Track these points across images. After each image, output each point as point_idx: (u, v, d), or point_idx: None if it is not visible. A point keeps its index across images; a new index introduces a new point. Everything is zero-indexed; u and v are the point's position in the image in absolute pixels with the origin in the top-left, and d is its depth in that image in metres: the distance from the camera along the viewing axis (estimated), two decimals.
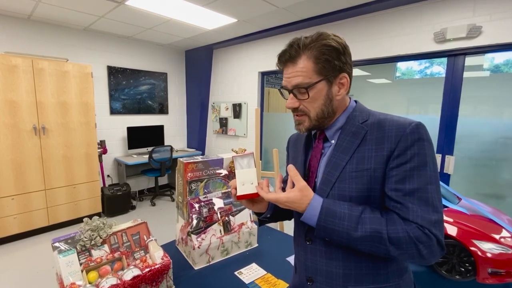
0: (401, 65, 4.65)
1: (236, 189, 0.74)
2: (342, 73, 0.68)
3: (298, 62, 0.67)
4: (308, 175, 0.76)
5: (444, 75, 2.35)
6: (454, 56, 2.24)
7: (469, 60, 2.22)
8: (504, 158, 2.23)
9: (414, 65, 4.49)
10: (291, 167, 0.67)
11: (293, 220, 0.84)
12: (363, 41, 2.68)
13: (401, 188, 0.61)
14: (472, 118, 2.48)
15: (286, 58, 0.68)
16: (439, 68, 4.13)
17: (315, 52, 0.65)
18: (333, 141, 0.72)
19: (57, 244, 1.00)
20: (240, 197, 0.73)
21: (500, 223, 1.86)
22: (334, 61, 0.66)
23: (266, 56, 3.61)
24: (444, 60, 2.34)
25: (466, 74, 2.23)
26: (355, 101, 0.75)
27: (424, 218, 0.58)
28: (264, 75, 3.83)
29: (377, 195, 0.65)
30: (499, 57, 3.03)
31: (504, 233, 1.78)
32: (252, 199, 0.77)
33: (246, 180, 0.74)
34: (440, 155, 2.33)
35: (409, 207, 0.60)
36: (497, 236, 1.76)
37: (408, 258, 0.60)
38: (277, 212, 0.82)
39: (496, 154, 2.25)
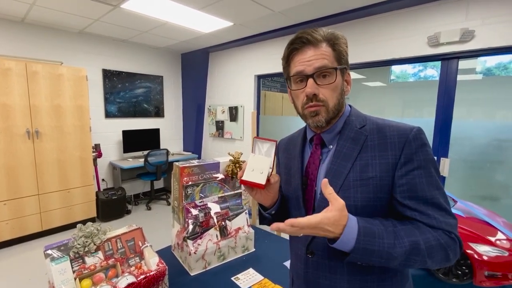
0: (396, 68, 4.70)
1: (243, 172, 0.68)
2: (348, 70, 0.68)
3: (321, 45, 0.64)
4: (306, 183, 0.71)
5: (437, 78, 2.37)
6: (448, 60, 2.27)
7: (462, 64, 2.25)
8: (498, 160, 2.25)
9: (408, 68, 4.55)
10: (325, 182, 0.56)
11: None
12: (358, 44, 2.70)
13: (415, 196, 0.59)
14: (466, 121, 2.50)
15: (305, 40, 0.64)
16: (432, 71, 4.18)
17: (333, 40, 0.65)
18: (331, 147, 0.69)
19: (49, 252, 0.98)
20: (244, 182, 0.67)
21: (496, 225, 1.88)
22: (346, 56, 0.66)
23: (263, 59, 3.62)
24: (437, 63, 2.36)
25: (459, 77, 2.25)
26: (349, 106, 0.73)
27: (446, 223, 0.58)
28: (260, 78, 3.83)
29: (384, 204, 0.62)
30: (491, 60, 3.08)
31: (500, 235, 1.80)
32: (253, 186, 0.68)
33: (257, 167, 0.67)
34: (435, 157, 2.35)
35: (430, 214, 0.58)
36: (492, 239, 1.77)
37: (436, 265, 0.58)
38: (279, 212, 0.77)
39: (490, 156, 2.27)
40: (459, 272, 1.87)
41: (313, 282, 0.69)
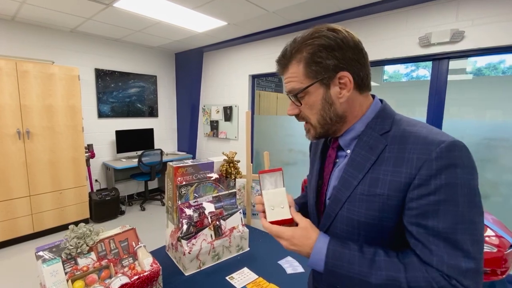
0: (388, 69, 4.75)
1: (264, 212, 0.65)
2: (340, 72, 0.58)
3: (289, 67, 0.63)
4: (321, 187, 0.69)
5: (429, 78, 2.41)
6: (439, 60, 2.31)
7: (453, 64, 2.29)
8: (488, 159, 2.29)
9: (401, 68, 4.60)
10: (291, 198, 0.67)
11: None
12: None
13: (423, 224, 0.50)
14: (457, 120, 2.55)
15: (281, 65, 0.65)
16: (424, 71, 4.24)
17: (305, 54, 0.59)
18: (348, 151, 0.64)
19: (41, 253, 0.97)
20: (272, 223, 0.64)
21: (485, 222, 1.92)
22: (325, 61, 0.57)
23: (257, 59, 3.62)
24: (429, 63, 2.40)
25: (450, 77, 2.29)
26: (381, 101, 0.65)
27: (451, 266, 0.47)
28: (254, 78, 3.84)
29: (391, 225, 0.55)
30: (481, 61, 3.14)
31: (489, 232, 1.83)
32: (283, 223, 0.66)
33: (276, 203, 0.65)
34: None
35: (433, 249, 0.49)
36: None
37: None
38: None
39: (480, 155, 2.32)
40: None
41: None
